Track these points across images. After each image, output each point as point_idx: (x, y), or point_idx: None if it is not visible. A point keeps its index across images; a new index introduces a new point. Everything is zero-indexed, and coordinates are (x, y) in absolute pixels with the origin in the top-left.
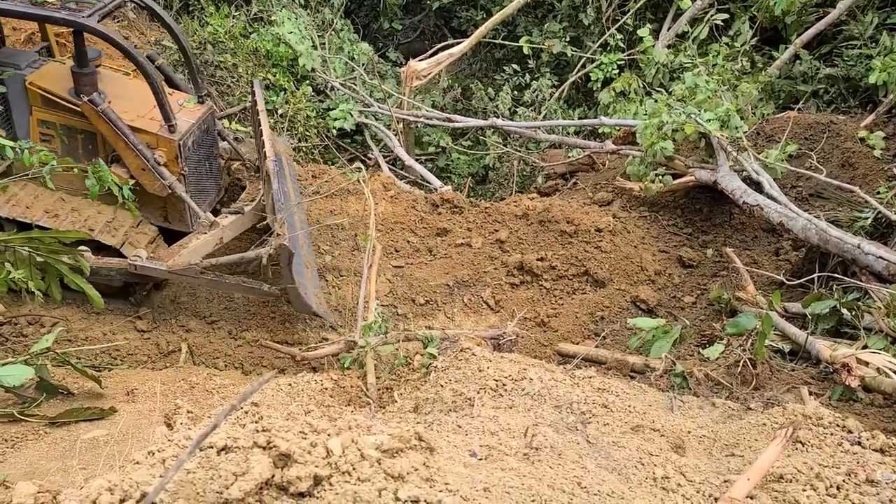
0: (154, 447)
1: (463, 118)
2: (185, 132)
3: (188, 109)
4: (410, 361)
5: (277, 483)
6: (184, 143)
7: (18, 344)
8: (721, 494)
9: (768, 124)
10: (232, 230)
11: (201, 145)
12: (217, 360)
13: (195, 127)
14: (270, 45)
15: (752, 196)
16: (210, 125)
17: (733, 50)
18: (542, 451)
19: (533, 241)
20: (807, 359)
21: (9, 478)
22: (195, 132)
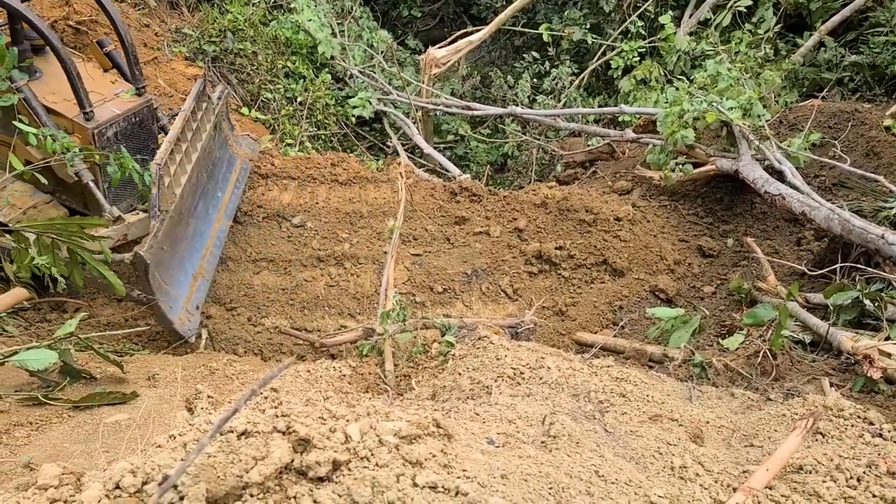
0: (175, 431)
1: (482, 106)
2: (104, 121)
3: (122, 100)
4: (428, 349)
5: (297, 468)
6: (101, 132)
7: (42, 329)
8: (740, 485)
9: (791, 113)
10: (139, 228)
11: (130, 137)
12: (237, 346)
13: (120, 118)
14: (290, 33)
15: (774, 185)
16: (145, 118)
17: (756, 37)
18: (560, 440)
19: (551, 230)
20: (828, 350)
21: (34, 459)
22: (119, 123)
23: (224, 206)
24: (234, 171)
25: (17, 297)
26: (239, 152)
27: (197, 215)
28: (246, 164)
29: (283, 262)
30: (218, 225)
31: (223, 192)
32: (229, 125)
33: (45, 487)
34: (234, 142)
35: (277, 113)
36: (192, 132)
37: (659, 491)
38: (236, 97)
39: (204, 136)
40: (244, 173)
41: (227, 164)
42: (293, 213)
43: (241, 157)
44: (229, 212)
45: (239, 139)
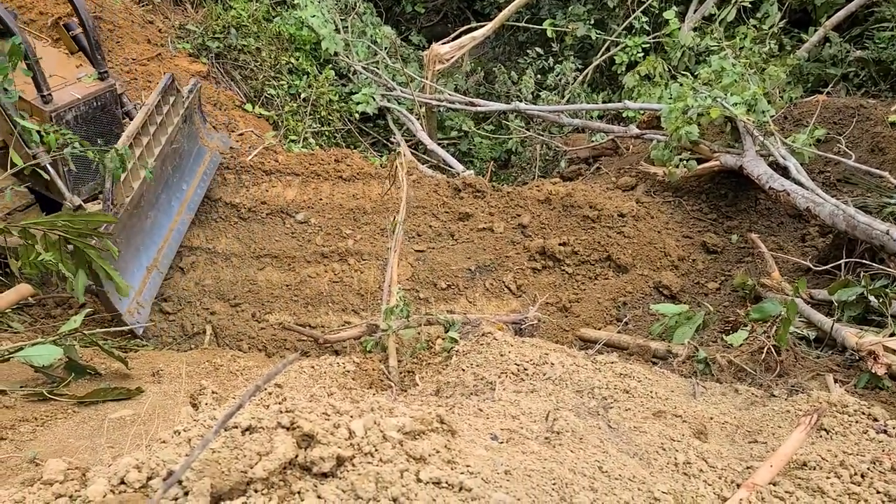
0: (180, 427)
1: (486, 102)
2: (63, 105)
3: (83, 84)
4: (432, 345)
5: (301, 463)
6: (59, 115)
7: (47, 325)
8: (743, 481)
9: (796, 108)
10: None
11: (91, 122)
12: (241, 342)
13: (80, 102)
14: (293, 29)
15: (778, 181)
16: (107, 103)
17: (761, 32)
18: (564, 436)
19: (555, 226)
20: (832, 346)
21: (39, 455)
22: (80, 107)
23: (188, 199)
24: (202, 163)
25: (22, 294)
26: (210, 145)
27: (158, 207)
28: (216, 156)
29: (287, 259)
30: (179, 217)
31: (188, 184)
32: (201, 118)
33: (51, 482)
34: (205, 134)
35: (281, 109)
36: (156, 126)
37: (662, 487)
38: (240, 94)
39: (170, 129)
40: (213, 166)
41: (195, 156)
42: (297, 210)
43: (212, 149)
44: (193, 204)
45: (211, 132)
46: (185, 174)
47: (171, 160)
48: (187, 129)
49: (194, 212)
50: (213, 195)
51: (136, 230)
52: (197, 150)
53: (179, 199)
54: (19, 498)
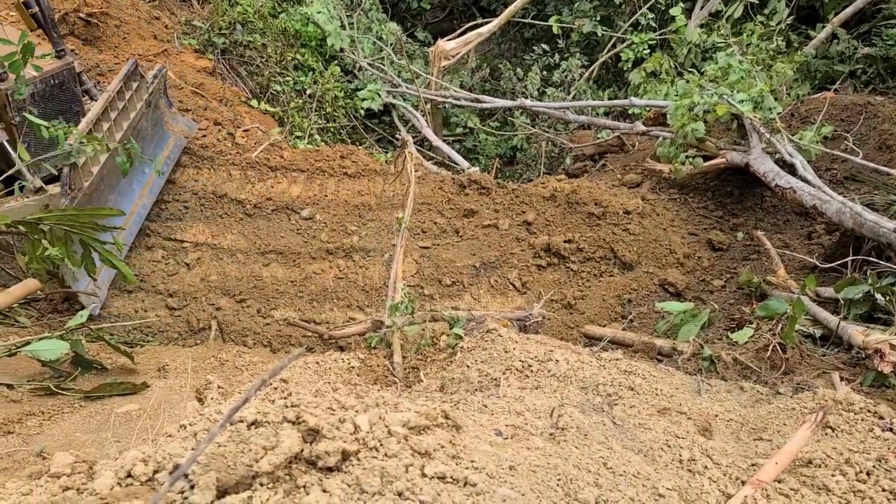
0: (186, 421)
1: (491, 99)
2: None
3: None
4: (437, 342)
5: (306, 457)
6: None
7: (54, 320)
8: (748, 478)
9: (803, 105)
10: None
11: (49, 99)
12: (246, 337)
13: (37, 79)
14: (299, 25)
15: (784, 178)
16: (65, 80)
17: (768, 29)
18: (568, 432)
19: (560, 223)
20: (838, 344)
21: (46, 448)
22: (36, 84)
23: (149, 183)
24: (165, 147)
25: (29, 289)
26: (175, 129)
27: (119, 191)
28: (181, 140)
29: (292, 255)
30: (140, 201)
31: (151, 169)
32: (167, 102)
33: (58, 475)
34: (170, 119)
35: (287, 105)
36: (118, 112)
37: (667, 483)
38: (245, 90)
39: (132, 114)
40: (177, 150)
41: (159, 141)
42: (302, 206)
43: (177, 133)
44: (154, 188)
45: (176, 116)
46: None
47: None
48: (151, 113)
49: (156, 195)
50: (218, 191)
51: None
52: (161, 134)
53: (141, 182)
54: (27, 490)
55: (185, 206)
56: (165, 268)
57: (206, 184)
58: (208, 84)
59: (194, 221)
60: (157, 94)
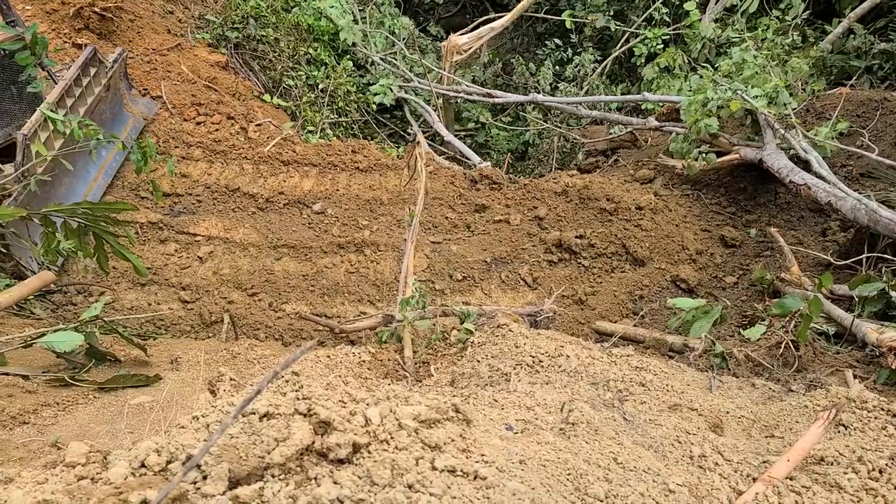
0: (198, 412)
1: (503, 93)
2: None
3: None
4: (447, 336)
5: (317, 449)
6: None
7: (68, 312)
8: (759, 475)
9: (819, 101)
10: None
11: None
12: (258, 331)
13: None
14: (312, 20)
15: (799, 175)
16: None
17: (784, 24)
18: (579, 427)
19: (572, 219)
20: (852, 342)
21: (61, 439)
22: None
23: (105, 165)
24: (124, 129)
25: (45, 280)
26: (133, 111)
27: (73, 174)
28: (139, 122)
29: (304, 249)
30: (95, 183)
31: (107, 150)
32: (127, 85)
33: (73, 465)
34: (129, 101)
35: (299, 100)
36: (75, 98)
37: (678, 479)
38: (258, 84)
39: (90, 99)
40: (135, 132)
41: (117, 123)
42: (314, 200)
43: (135, 115)
44: (110, 170)
45: (136, 99)
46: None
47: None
48: (110, 97)
49: (111, 177)
50: (231, 185)
51: (48, 197)
52: (121, 117)
53: (97, 164)
54: (42, 479)
55: (197, 199)
56: (178, 261)
57: (218, 178)
58: (221, 78)
59: (207, 215)
60: (116, 77)
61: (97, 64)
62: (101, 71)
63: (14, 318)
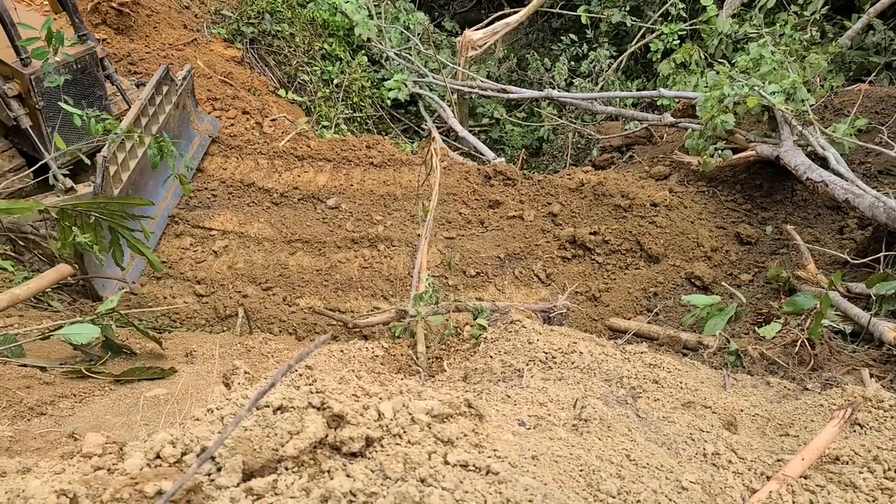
0: (213, 405)
1: (518, 89)
2: (42, 67)
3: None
4: (460, 332)
5: (331, 443)
6: (38, 78)
7: (85, 304)
8: (773, 473)
9: (837, 97)
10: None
11: (72, 84)
12: (272, 325)
13: (61, 64)
14: (327, 15)
15: (816, 172)
16: (88, 66)
17: (802, 19)
18: (591, 423)
19: (586, 215)
20: (869, 340)
21: (78, 430)
22: (61, 69)
23: (174, 186)
24: (190, 148)
25: (62, 273)
26: (199, 128)
27: (145, 193)
28: (205, 139)
29: (318, 244)
30: (164, 203)
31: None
32: (193, 102)
33: (90, 456)
34: (196, 118)
35: (314, 95)
36: (149, 118)
37: (690, 476)
38: (273, 79)
39: (162, 118)
40: (201, 150)
41: (185, 141)
42: (328, 195)
43: (201, 132)
44: (178, 189)
45: (202, 115)
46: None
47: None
48: (179, 114)
49: (179, 197)
50: (246, 180)
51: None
52: (188, 134)
53: (166, 185)
54: (59, 470)
55: (213, 194)
56: (193, 255)
57: (233, 172)
58: (237, 73)
59: (222, 210)
60: (184, 94)
61: (169, 82)
62: (172, 89)
63: (32, 311)
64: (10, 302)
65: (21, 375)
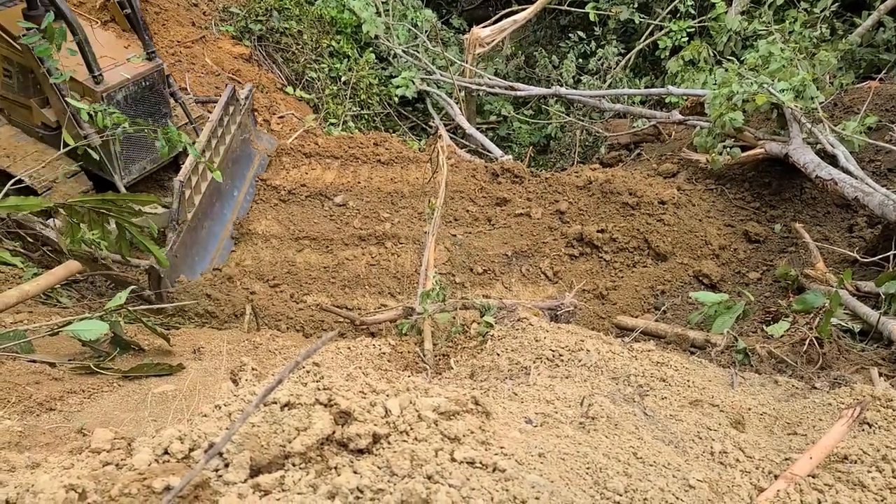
0: (220, 401)
1: (526, 86)
2: (113, 85)
3: (132, 64)
4: (467, 329)
5: (338, 439)
6: (110, 95)
7: (94, 301)
8: (781, 472)
9: (847, 95)
10: (158, 222)
11: (140, 101)
12: (279, 322)
13: (130, 82)
14: (335, 12)
15: (825, 170)
16: (155, 83)
17: (812, 16)
18: (598, 421)
19: (594, 213)
20: (878, 339)
21: (87, 425)
22: (129, 87)
23: (238, 205)
24: (251, 167)
25: (71, 270)
26: (259, 147)
27: (212, 216)
28: (264, 159)
29: (325, 241)
30: (230, 225)
31: (239, 190)
32: (252, 120)
33: (98, 451)
34: (255, 136)
35: (321, 92)
36: (217, 139)
37: (698, 475)
38: (281, 76)
39: (228, 139)
40: (260, 169)
41: (245, 160)
42: (335, 192)
43: (261, 152)
44: (243, 210)
45: (260, 134)
46: (236, 180)
47: (225, 169)
48: (240, 133)
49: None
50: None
51: (192, 242)
52: (248, 153)
53: (231, 206)
54: (68, 465)
55: None
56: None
57: None
58: (245, 71)
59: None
60: (246, 114)
61: (234, 102)
62: (237, 109)
63: (41, 307)
64: (19, 298)
65: (30, 371)
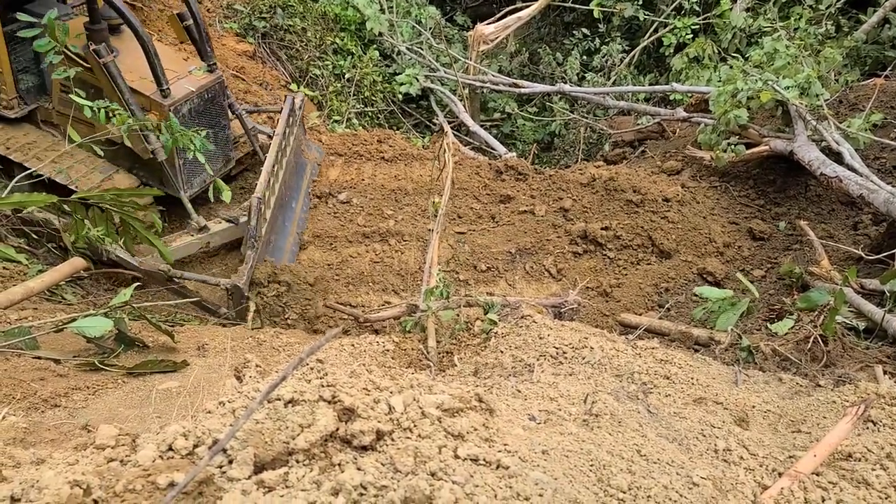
0: (224, 398)
1: (530, 84)
2: (179, 98)
3: (195, 77)
4: (471, 327)
5: (341, 436)
6: (176, 108)
7: (99, 298)
8: (785, 470)
9: (852, 92)
10: (221, 237)
11: (203, 114)
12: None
13: (194, 95)
14: (339, 9)
15: (830, 167)
16: (217, 95)
17: (817, 13)
18: (602, 418)
19: (598, 210)
20: (883, 337)
21: (91, 421)
22: (194, 100)
23: (297, 218)
24: (304, 178)
25: (76, 267)
26: (309, 157)
27: (277, 230)
28: (314, 168)
29: (329, 238)
30: (292, 239)
31: (296, 201)
32: (303, 130)
33: (103, 447)
34: (305, 146)
35: (325, 89)
36: (280, 151)
37: (701, 472)
38: (285, 74)
39: (289, 150)
40: (311, 179)
41: (299, 171)
42: (339, 190)
43: (311, 161)
44: (302, 222)
45: (310, 144)
46: (293, 192)
47: (286, 182)
48: (294, 144)
49: (302, 229)
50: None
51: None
52: (301, 164)
53: (291, 219)
54: (73, 461)
55: None
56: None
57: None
58: (249, 68)
59: (234, 204)
60: (300, 125)
61: (295, 114)
62: (294, 120)
63: (46, 304)
64: (24, 295)
65: (35, 367)
